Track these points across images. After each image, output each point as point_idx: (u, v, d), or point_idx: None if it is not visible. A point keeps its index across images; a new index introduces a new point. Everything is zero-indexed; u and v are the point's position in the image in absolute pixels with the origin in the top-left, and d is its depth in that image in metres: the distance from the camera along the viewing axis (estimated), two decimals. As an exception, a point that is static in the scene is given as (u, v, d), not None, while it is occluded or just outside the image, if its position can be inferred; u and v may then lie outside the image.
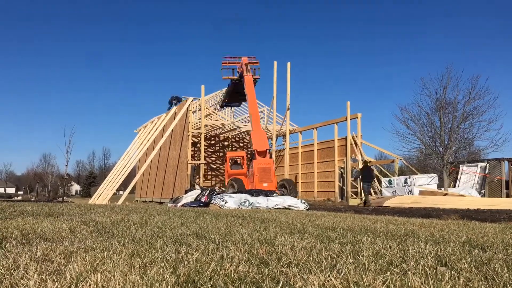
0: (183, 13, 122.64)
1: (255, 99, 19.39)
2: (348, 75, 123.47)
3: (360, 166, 20.71)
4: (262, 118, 26.21)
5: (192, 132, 22.83)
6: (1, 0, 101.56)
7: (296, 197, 16.44)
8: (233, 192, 15.35)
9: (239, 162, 20.18)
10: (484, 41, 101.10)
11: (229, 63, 20.97)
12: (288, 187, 17.16)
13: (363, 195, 20.24)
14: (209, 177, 29.20)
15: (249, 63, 20.15)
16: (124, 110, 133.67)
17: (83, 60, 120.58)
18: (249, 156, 20.16)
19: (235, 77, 20.86)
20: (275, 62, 23.03)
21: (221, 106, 24.60)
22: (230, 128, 26.16)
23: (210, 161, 29.35)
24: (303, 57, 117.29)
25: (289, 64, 23.47)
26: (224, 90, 25.54)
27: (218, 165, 29.55)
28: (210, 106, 25.69)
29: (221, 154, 29.81)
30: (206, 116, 24.66)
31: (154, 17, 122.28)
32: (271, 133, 25.47)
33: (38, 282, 1.99)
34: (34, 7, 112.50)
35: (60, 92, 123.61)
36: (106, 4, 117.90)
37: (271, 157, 18.24)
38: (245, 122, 26.47)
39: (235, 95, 22.21)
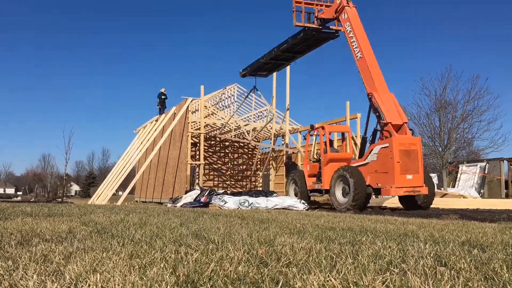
0: (183, 13, 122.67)
1: (361, 26, 12.98)
2: (348, 75, 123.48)
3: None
4: (261, 118, 26.22)
5: (192, 133, 22.83)
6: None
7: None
8: (237, 194, 13.42)
9: (334, 143, 15.15)
10: (484, 41, 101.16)
11: (305, 3, 14.05)
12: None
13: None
14: (211, 177, 29.19)
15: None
16: (124, 110, 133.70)
17: (83, 60, 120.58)
18: (367, 135, 12.98)
19: (314, 25, 13.93)
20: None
21: (244, 75, 19.08)
22: (230, 128, 26.14)
23: (211, 161, 29.35)
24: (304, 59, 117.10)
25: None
26: (221, 90, 25.49)
27: (219, 165, 29.55)
28: (210, 106, 25.68)
29: (222, 154, 29.79)
30: (206, 116, 24.67)
31: (154, 18, 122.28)
32: (270, 133, 25.48)
33: (38, 282, 1.99)
34: (33, 5, 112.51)
35: (60, 92, 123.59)
36: (105, 4, 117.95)
37: (413, 134, 12.32)
38: (247, 121, 26.45)
39: (281, 56, 16.20)
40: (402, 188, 10.76)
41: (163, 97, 26.13)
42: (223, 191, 17.38)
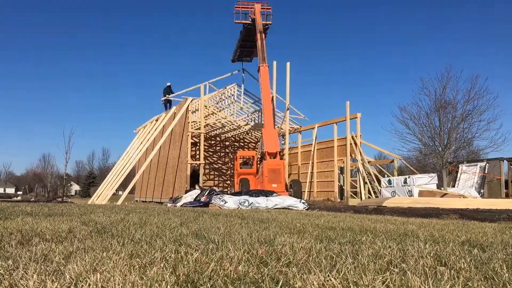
0: (182, 12, 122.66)
1: (268, 81, 19.69)
2: (348, 75, 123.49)
3: (361, 167, 20.71)
4: (261, 118, 26.20)
5: (192, 132, 22.82)
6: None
7: (300, 198, 16.45)
8: (236, 193, 15.41)
9: (249, 162, 20.36)
10: (484, 42, 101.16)
11: (242, 7, 21.56)
12: (293, 188, 17.36)
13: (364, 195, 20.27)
14: (211, 176, 29.18)
15: (262, 8, 21.05)
16: (124, 110, 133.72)
17: (83, 61, 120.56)
18: (259, 156, 20.64)
19: (247, 21, 21.48)
20: (275, 62, 23.00)
21: (233, 61, 25.12)
22: (230, 128, 26.14)
23: (212, 161, 29.34)
24: (303, 57, 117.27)
25: (288, 64, 23.46)
26: (221, 90, 25.52)
27: (220, 165, 29.54)
28: (210, 106, 25.67)
29: (222, 154, 29.80)
30: (206, 116, 24.65)
31: (154, 17, 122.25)
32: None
33: (38, 282, 1.99)
34: (32, 5, 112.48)
35: (60, 92, 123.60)
36: (105, 3, 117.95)
37: (281, 158, 18.81)
38: (248, 121, 26.44)
39: (246, 45, 22.80)
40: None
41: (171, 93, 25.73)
42: (221, 190, 17.71)
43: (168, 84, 25.67)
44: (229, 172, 29.68)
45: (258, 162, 19.66)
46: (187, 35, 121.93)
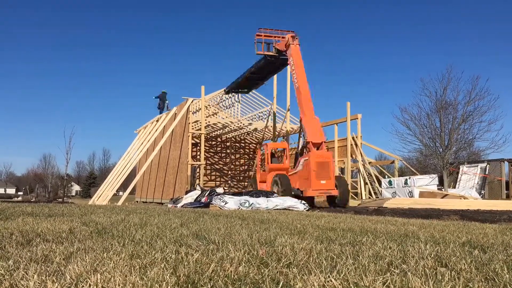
0: (183, 18, 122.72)
1: (302, 61, 16.11)
2: (348, 76, 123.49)
3: (362, 168, 20.71)
4: (262, 118, 26.22)
5: (193, 133, 22.84)
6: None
7: (347, 200, 15.21)
8: (237, 194, 14.82)
9: (276, 155, 17.94)
10: (484, 42, 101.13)
11: (264, 35, 17.32)
12: (337, 186, 14.76)
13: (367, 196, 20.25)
14: (212, 177, 29.19)
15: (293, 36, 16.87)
16: (124, 110, 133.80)
17: (83, 60, 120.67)
18: (298, 149, 16.74)
19: (271, 53, 17.31)
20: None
21: (227, 92, 22.04)
22: (232, 128, 26.14)
23: (213, 161, 29.35)
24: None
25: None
26: (221, 90, 25.43)
27: (221, 165, 29.56)
28: (211, 106, 25.68)
29: (223, 154, 29.81)
30: (207, 117, 24.66)
31: (154, 17, 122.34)
32: (271, 133, 25.49)
33: (38, 282, 1.99)
34: (31, 4, 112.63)
35: (60, 92, 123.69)
36: (105, 2, 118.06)
37: (328, 150, 15.67)
38: (250, 120, 26.43)
39: (253, 77, 19.32)
40: (317, 190, 14.13)
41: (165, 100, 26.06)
42: (223, 191, 17.39)
43: (164, 91, 25.94)
44: (230, 172, 29.69)
45: (302, 153, 15.65)
46: (187, 34, 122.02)
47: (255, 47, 17.28)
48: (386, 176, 21.66)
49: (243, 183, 29.80)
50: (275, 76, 23.53)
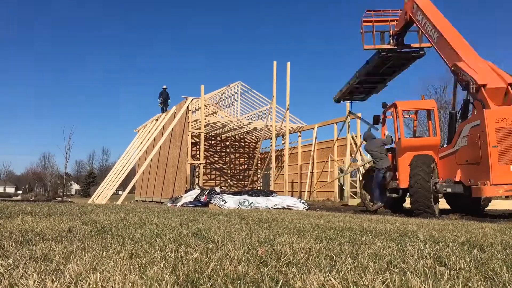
0: (183, 11, 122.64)
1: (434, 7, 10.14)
2: (347, 76, 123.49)
3: (361, 167, 20.70)
4: (261, 117, 26.21)
5: (192, 132, 22.83)
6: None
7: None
8: (236, 193, 13.35)
9: (412, 125, 12.58)
10: (483, 40, 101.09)
11: (375, 21, 11.97)
12: None
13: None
14: (212, 176, 29.20)
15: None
16: (124, 110, 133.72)
17: (83, 60, 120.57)
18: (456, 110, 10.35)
19: (388, 46, 11.85)
20: (275, 62, 22.99)
21: (338, 101, 15.83)
22: (231, 127, 26.13)
23: (213, 160, 29.36)
24: (303, 57, 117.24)
25: (288, 64, 23.43)
26: (222, 89, 25.41)
27: (221, 164, 29.57)
28: (210, 106, 25.67)
29: (223, 154, 29.82)
30: (207, 116, 24.65)
31: (154, 16, 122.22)
32: (271, 132, 25.48)
33: (38, 281, 1.99)
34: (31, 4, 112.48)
35: (60, 91, 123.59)
36: (105, 1, 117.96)
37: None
38: (249, 119, 26.42)
39: (368, 80, 13.61)
40: (502, 186, 7.78)
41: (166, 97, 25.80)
42: (222, 190, 17.39)
43: (164, 87, 25.71)
44: (229, 171, 29.69)
45: (465, 115, 9.52)
46: (188, 35, 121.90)
47: (362, 40, 12.11)
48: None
49: (242, 182, 29.82)
50: (274, 75, 23.48)
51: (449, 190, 8.84)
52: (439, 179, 9.29)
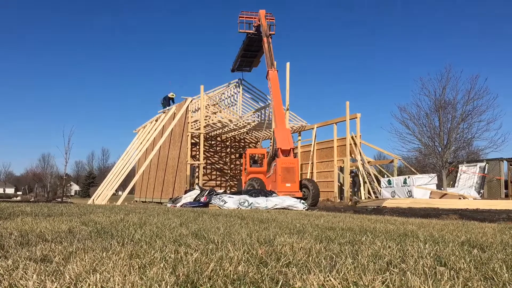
0: (183, 17, 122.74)
1: (278, 85, 19.07)
2: (347, 75, 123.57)
3: (361, 167, 20.73)
4: (261, 118, 26.20)
5: (192, 132, 22.82)
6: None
7: (317, 199, 16.54)
8: (236, 193, 15.16)
9: (258, 160, 19.58)
10: (483, 41, 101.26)
11: (246, 17, 21.76)
12: (310, 188, 16.39)
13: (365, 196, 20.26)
14: (212, 177, 29.19)
15: (267, 19, 20.77)
16: (123, 110, 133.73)
17: (83, 60, 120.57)
18: (271, 154, 18.73)
19: (251, 31, 21.53)
20: (275, 62, 23.04)
21: (232, 70, 25.00)
22: (231, 128, 26.12)
23: (213, 161, 29.34)
24: (302, 57, 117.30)
25: (288, 64, 23.48)
26: (222, 88, 25.47)
27: (221, 165, 29.56)
28: (210, 106, 25.65)
29: (223, 154, 29.82)
30: (206, 116, 24.63)
31: (154, 16, 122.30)
32: (271, 132, 25.47)
33: (37, 282, 1.99)
34: (31, 1, 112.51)
35: (60, 91, 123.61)
36: (105, 1, 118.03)
37: (295, 156, 17.78)
38: (249, 119, 26.41)
39: (247, 54, 22.95)
40: (282, 192, 15.23)
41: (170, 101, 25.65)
42: (222, 190, 17.51)
43: (172, 95, 25.43)
44: (230, 172, 29.69)
45: (271, 159, 17.80)
46: (188, 34, 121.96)
47: (238, 26, 21.66)
48: (385, 176, 21.67)
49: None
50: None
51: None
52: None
